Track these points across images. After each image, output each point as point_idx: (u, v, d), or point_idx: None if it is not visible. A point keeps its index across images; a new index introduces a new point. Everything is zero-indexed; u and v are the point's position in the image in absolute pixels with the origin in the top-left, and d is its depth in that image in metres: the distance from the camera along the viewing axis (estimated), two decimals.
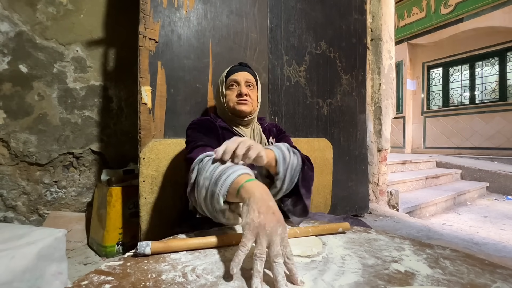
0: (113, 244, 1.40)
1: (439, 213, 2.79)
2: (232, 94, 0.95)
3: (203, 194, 0.57)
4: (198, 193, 0.59)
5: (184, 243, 0.49)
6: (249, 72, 0.99)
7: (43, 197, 1.61)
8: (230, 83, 0.96)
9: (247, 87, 0.96)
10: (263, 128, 1.04)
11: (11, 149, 1.52)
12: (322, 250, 0.53)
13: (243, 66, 1.01)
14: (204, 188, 0.57)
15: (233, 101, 0.94)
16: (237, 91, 0.94)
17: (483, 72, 5.09)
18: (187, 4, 1.34)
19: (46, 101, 1.60)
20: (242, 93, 0.92)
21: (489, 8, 4.53)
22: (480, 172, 3.77)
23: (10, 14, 1.51)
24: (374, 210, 2.24)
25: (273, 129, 1.07)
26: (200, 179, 0.59)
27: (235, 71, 0.98)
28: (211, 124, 0.92)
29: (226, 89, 0.97)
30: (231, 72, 0.98)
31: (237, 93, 0.94)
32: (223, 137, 0.89)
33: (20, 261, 0.76)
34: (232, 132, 0.94)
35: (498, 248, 1.63)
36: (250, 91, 0.96)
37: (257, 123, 1.04)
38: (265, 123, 1.07)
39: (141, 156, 1.12)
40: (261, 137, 0.99)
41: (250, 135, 0.98)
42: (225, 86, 0.98)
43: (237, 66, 1.00)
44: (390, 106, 2.45)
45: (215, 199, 0.54)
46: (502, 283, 0.40)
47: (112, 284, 0.38)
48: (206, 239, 0.52)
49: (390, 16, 2.46)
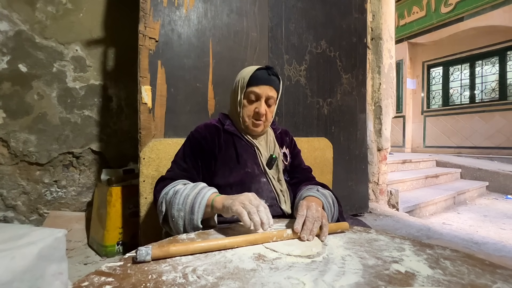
0: (113, 243, 1.40)
1: (439, 212, 2.79)
2: (249, 109, 0.85)
3: (181, 223, 0.67)
4: (174, 223, 0.68)
5: (184, 248, 0.49)
6: (273, 85, 0.85)
7: (43, 197, 1.61)
8: (250, 94, 0.84)
9: (267, 104, 0.85)
10: (275, 135, 0.97)
11: (11, 149, 1.52)
12: (323, 251, 0.53)
13: (269, 74, 0.85)
14: (180, 218, 0.67)
15: (249, 118, 0.85)
16: (255, 107, 0.84)
17: (483, 71, 5.09)
18: (187, 3, 1.34)
19: (46, 101, 1.60)
20: (260, 113, 0.83)
21: (489, 7, 4.52)
22: (479, 172, 3.77)
23: (9, 13, 1.50)
24: (374, 210, 2.25)
25: (286, 138, 1.00)
26: (174, 212, 0.67)
27: (259, 81, 0.83)
28: (212, 136, 0.86)
29: (244, 98, 0.86)
30: (254, 80, 0.84)
31: (254, 111, 0.84)
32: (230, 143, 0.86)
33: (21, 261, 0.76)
34: (243, 140, 0.88)
35: (498, 248, 1.63)
36: (269, 109, 0.86)
37: (270, 128, 0.97)
38: (278, 129, 1.00)
39: (141, 156, 1.12)
40: (275, 145, 0.93)
41: (264, 143, 0.92)
42: (244, 94, 0.85)
43: (262, 73, 0.84)
44: (390, 105, 2.45)
45: (194, 224, 0.65)
46: (502, 284, 0.40)
47: (113, 285, 0.38)
48: (207, 243, 0.52)
49: (390, 15, 2.45)
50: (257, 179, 0.84)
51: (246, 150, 0.87)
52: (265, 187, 0.84)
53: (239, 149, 0.86)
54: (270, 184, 0.85)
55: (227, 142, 0.86)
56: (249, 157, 0.86)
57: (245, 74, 0.86)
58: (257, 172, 0.85)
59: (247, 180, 0.82)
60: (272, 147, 0.92)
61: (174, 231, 0.70)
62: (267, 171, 0.86)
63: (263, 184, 0.84)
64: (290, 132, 1.06)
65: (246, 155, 0.86)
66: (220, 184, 0.81)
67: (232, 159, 0.84)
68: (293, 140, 1.04)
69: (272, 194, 0.84)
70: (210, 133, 0.86)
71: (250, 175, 0.83)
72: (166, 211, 0.70)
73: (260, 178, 0.85)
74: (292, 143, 1.02)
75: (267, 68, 0.86)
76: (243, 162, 0.84)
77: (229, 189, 0.81)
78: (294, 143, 1.03)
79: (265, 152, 0.89)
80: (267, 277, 0.41)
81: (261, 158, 0.87)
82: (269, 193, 0.83)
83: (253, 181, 0.83)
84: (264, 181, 0.85)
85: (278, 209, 0.82)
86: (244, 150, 0.86)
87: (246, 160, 0.85)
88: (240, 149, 0.86)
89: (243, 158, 0.85)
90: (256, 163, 0.86)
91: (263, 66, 0.87)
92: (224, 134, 0.87)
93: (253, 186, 0.82)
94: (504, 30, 4.49)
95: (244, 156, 0.85)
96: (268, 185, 0.85)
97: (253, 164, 0.85)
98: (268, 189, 0.84)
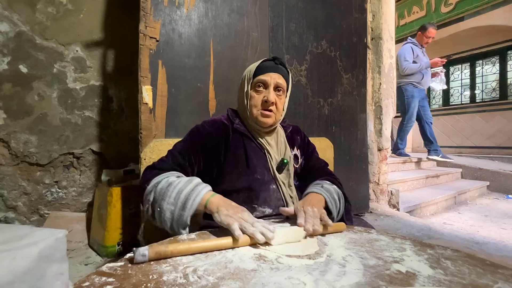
0: (114, 244, 1.40)
1: (440, 212, 2.78)
2: (257, 99, 0.81)
3: (169, 217, 0.64)
4: (162, 216, 0.65)
5: (182, 248, 0.49)
6: (281, 74, 0.82)
7: (44, 198, 1.61)
8: (258, 83, 0.81)
9: (276, 91, 0.81)
10: (286, 134, 0.92)
11: (12, 150, 1.52)
12: (323, 250, 0.53)
13: (277, 64, 0.82)
14: (169, 212, 0.64)
15: (257, 109, 0.81)
16: (264, 96, 0.80)
17: (484, 71, 5.08)
18: (188, 3, 1.34)
19: (46, 101, 1.60)
20: (269, 101, 0.79)
21: (490, 7, 4.51)
22: (480, 171, 3.76)
23: (10, 14, 1.50)
24: (375, 210, 2.24)
25: (297, 137, 0.96)
26: (163, 205, 0.64)
27: (266, 69, 0.81)
28: (219, 134, 0.82)
29: (252, 88, 0.82)
30: (261, 69, 0.81)
31: (262, 99, 0.80)
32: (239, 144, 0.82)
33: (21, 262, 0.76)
34: (253, 141, 0.84)
35: (499, 248, 1.63)
36: (278, 97, 0.82)
37: (280, 127, 0.93)
38: (288, 128, 0.95)
39: (142, 157, 1.12)
40: (286, 147, 0.89)
41: (274, 145, 0.88)
42: (251, 84, 0.82)
43: (269, 62, 0.82)
44: (391, 105, 2.45)
45: (183, 220, 0.63)
46: (503, 284, 0.40)
47: (114, 286, 0.38)
48: (204, 243, 0.51)
49: (390, 15, 2.45)
50: (267, 187, 0.80)
51: (257, 153, 0.82)
52: (274, 195, 0.80)
53: (249, 151, 0.81)
54: (280, 191, 0.81)
55: (236, 142, 0.82)
56: (260, 161, 0.81)
57: (251, 66, 0.84)
58: (267, 179, 0.81)
59: (256, 187, 0.78)
60: (283, 149, 0.88)
61: (158, 223, 0.67)
62: (277, 176, 0.82)
63: (272, 192, 0.80)
64: (301, 129, 1.00)
65: (257, 159, 0.81)
66: (228, 189, 0.77)
67: (241, 162, 0.80)
68: (306, 138, 0.98)
69: (280, 202, 0.80)
70: (217, 131, 0.82)
71: (259, 182, 0.79)
72: (154, 201, 0.67)
73: (270, 185, 0.80)
74: (305, 142, 0.97)
75: (273, 58, 0.83)
76: (252, 167, 0.80)
77: (235, 194, 0.77)
78: (307, 141, 0.97)
79: (275, 155, 0.85)
80: (267, 277, 0.41)
81: (272, 163, 0.82)
82: (277, 202, 0.79)
83: (262, 188, 0.79)
84: (274, 188, 0.81)
85: (285, 217, 0.77)
86: (254, 153, 0.82)
87: (256, 165, 0.80)
88: (250, 151, 0.81)
89: (253, 162, 0.80)
90: (267, 167, 0.82)
91: (270, 57, 0.84)
92: (233, 134, 0.83)
93: (261, 194, 0.78)
94: (505, 30, 4.48)
95: (254, 160, 0.81)
96: (278, 193, 0.81)
97: (263, 169, 0.81)
98: (277, 197, 0.80)
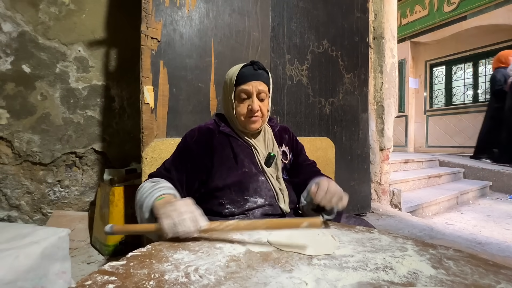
0: (116, 243, 1.41)
1: (442, 212, 2.77)
2: (242, 108, 0.84)
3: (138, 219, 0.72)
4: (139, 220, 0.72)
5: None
6: (262, 79, 0.84)
7: (46, 197, 1.62)
8: (240, 93, 0.83)
9: (259, 99, 0.84)
10: (274, 133, 0.95)
11: (15, 149, 1.53)
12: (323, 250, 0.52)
13: (256, 69, 0.84)
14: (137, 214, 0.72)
15: (244, 117, 0.84)
16: (248, 105, 0.83)
17: (486, 70, 5.05)
18: (189, 3, 1.34)
19: (49, 101, 1.61)
20: (254, 110, 0.82)
21: (493, 6, 4.48)
22: (483, 171, 3.74)
23: (13, 14, 1.51)
24: (376, 210, 2.24)
25: (285, 136, 0.98)
26: (135, 207, 0.73)
27: (247, 78, 0.82)
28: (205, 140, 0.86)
29: (235, 99, 0.85)
30: (241, 78, 0.83)
31: (248, 109, 0.83)
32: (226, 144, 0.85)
33: (24, 260, 0.77)
34: (239, 140, 0.87)
35: (502, 248, 1.62)
36: (262, 103, 0.84)
37: (267, 125, 0.95)
38: (276, 127, 0.98)
39: (143, 156, 1.12)
40: (273, 144, 0.91)
41: (262, 141, 0.91)
42: (234, 95, 0.84)
43: (248, 69, 0.84)
44: (393, 105, 2.44)
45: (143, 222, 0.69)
46: (506, 284, 0.40)
47: (116, 284, 0.38)
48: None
49: (392, 14, 2.44)
50: (255, 178, 0.83)
51: (243, 150, 0.86)
52: (264, 185, 0.83)
53: (236, 149, 0.85)
54: (269, 182, 0.84)
55: (223, 143, 0.86)
56: (246, 157, 0.85)
57: (231, 73, 0.86)
58: (255, 171, 0.84)
59: (245, 180, 0.82)
60: (271, 145, 0.91)
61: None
62: (265, 169, 0.85)
63: (261, 182, 0.83)
64: (290, 129, 1.03)
65: (243, 155, 0.85)
66: (219, 186, 0.81)
67: (229, 160, 0.84)
68: (294, 137, 1.01)
69: (271, 193, 0.83)
70: (202, 136, 0.87)
71: (248, 175, 0.83)
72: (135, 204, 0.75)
73: (258, 177, 0.84)
74: (293, 140, 1.00)
75: (252, 63, 0.84)
76: (240, 162, 0.83)
77: (228, 190, 0.81)
78: (295, 140, 1.01)
79: (263, 151, 0.88)
80: (269, 276, 0.41)
81: (259, 157, 0.86)
82: (268, 192, 0.83)
83: (251, 180, 0.82)
84: (263, 180, 0.84)
85: (277, 208, 0.82)
86: (241, 150, 0.86)
87: (243, 160, 0.84)
88: (237, 149, 0.85)
89: (240, 158, 0.84)
90: (254, 162, 0.86)
91: (248, 63, 0.85)
92: (219, 136, 0.87)
93: (251, 186, 0.82)
94: (507, 29, 4.45)
95: (241, 156, 0.84)
96: (267, 184, 0.84)
97: (250, 164, 0.85)
98: (267, 187, 0.83)
